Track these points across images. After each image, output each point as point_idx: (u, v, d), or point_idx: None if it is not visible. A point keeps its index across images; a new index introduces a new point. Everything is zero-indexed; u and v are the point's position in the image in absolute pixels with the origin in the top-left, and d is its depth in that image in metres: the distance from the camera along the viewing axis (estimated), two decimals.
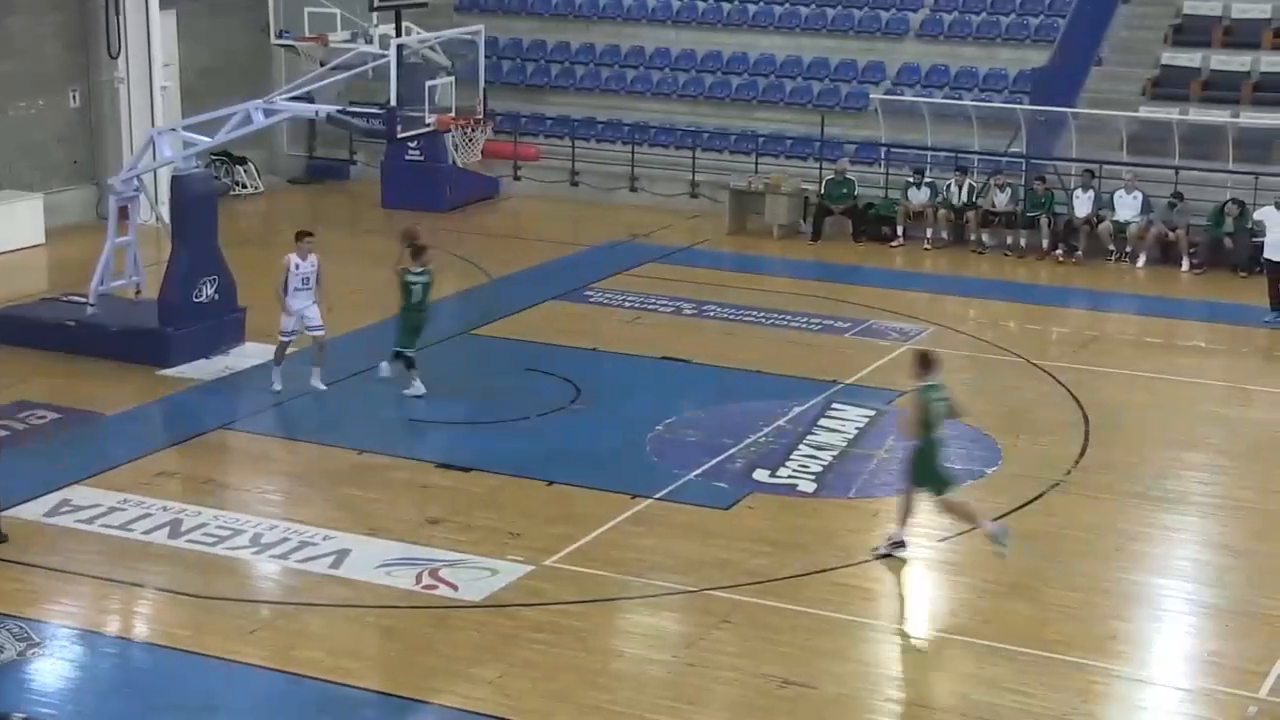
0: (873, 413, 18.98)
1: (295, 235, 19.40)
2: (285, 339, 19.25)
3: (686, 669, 12.98)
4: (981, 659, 13.24)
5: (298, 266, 19.09)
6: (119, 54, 27.90)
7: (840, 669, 13.08)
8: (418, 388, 19.13)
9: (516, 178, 31.28)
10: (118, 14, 27.77)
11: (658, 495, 16.42)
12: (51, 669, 12.94)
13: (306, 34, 30.45)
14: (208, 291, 20.66)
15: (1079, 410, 19.23)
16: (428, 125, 26.67)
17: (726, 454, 17.55)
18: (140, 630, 13.92)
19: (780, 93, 30.93)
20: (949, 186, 27.77)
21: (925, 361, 14.97)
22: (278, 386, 19.20)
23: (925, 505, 16.63)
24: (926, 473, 14.84)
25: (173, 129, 22.47)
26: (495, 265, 25.84)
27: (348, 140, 31.83)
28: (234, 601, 14.14)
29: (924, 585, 14.98)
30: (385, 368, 19.34)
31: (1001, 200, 27.36)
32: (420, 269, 19.17)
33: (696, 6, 32.50)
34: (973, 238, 27.56)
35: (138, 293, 21.84)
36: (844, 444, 18.01)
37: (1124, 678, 13.11)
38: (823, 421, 18.61)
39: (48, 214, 26.83)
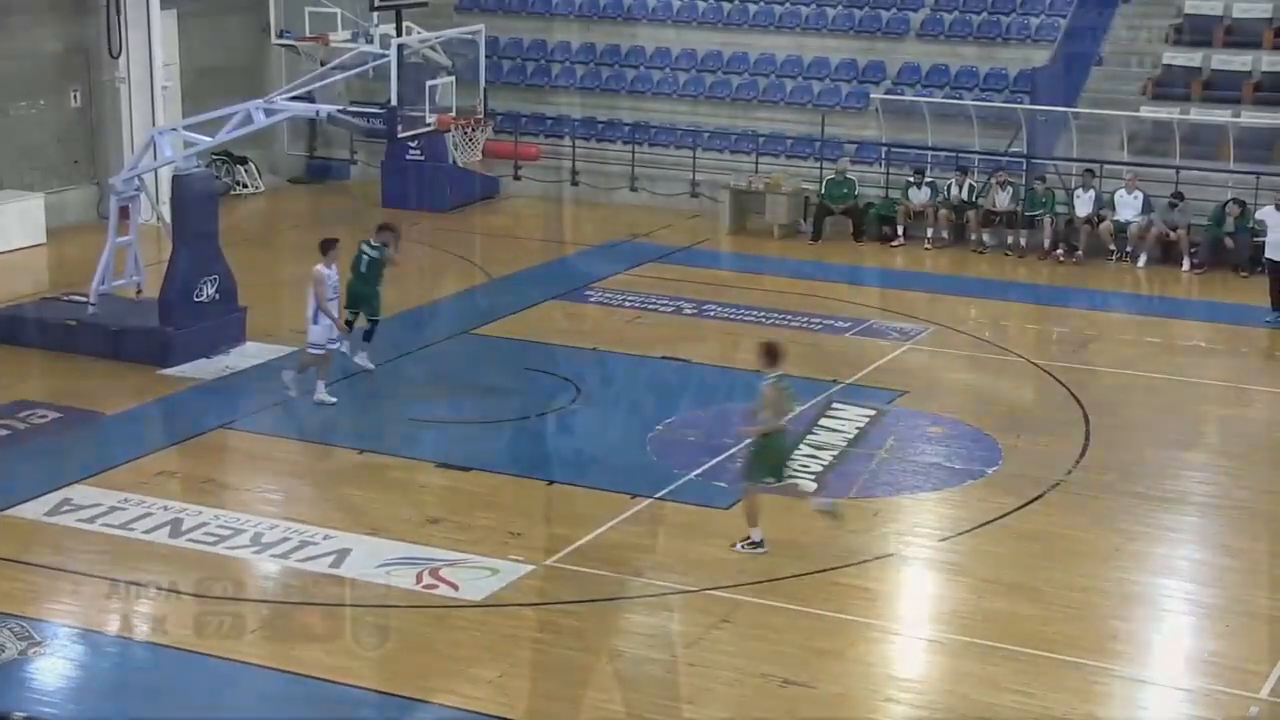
0: (873, 412, 18.99)
1: (321, 245, 18.90)
2: (315, 351, 18.82)
3: (686, 669, 12.97)
4: (981, 659, 13.24)
5: (328, 278, 18.81)
6: (119, 54, 27.86)
7: (840, 669, 13.08)
8: (350, 351, 19.78)
9: (517, 177, 31.26)
10: (118, 14, 27.73)
11: (657, 495, 16.41)
12: (52, 668, 12.94)
13: (307, 34, 30.50)
14: (208, 291, 20.66)
15: (1079, 410, 19.22)
16: (428, 125, 26.77)
17: (726, 454, 17.53)
18: (141, 629, 13.90)
19: (780, 92, 30.92)
20: (949, 186, 27.75)
21: (774, 352, 15.20)
22: (294, 393, 18.92)
23: (927, 506, 16.64)
24: (775, 462, 15.12)
25: (173, 129, 22.49)
26: (495, 265, 25.84)
27: (348, 140, 31.80)
28: (234, 601, 14.14)
29: (924, 585, 14.99)
30: (364, 358, 19.88)
31: (1002, 200, 27.34)
32: (376, 244, 19.94)
33: (696, 6, 32.47)
34: (973, 237, 27.54)
35: (138, 292, 21.85)
36: (844, 444, 18.03)
37: (1124, 678, 13.11)
38: (823, 421, 18.61)
39: (48, 214, 26.80)
